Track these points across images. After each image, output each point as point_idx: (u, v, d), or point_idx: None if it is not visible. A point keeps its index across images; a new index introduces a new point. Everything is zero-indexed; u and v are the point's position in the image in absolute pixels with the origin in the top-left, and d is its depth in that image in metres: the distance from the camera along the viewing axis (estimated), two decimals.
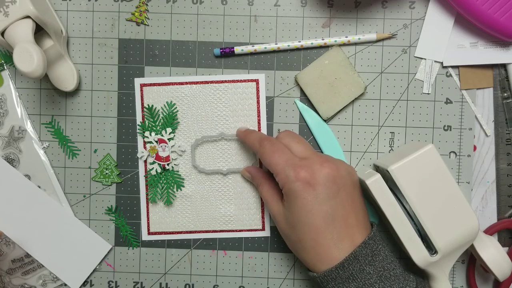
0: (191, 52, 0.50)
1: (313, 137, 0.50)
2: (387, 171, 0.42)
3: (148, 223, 0.51)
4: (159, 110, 0.50)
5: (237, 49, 0.49)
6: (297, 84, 0.49)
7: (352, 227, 0.41)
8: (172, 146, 0.50)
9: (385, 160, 0.46)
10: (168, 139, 0.50)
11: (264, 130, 0.50)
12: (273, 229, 0.50)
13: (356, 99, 0.49)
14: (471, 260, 0.49)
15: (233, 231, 0.51)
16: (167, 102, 0.50)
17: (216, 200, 0.50)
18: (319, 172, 0.40)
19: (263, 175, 0.47)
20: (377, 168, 0.47)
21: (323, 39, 0.49)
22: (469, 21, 0.47)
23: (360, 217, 0.42)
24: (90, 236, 0.51)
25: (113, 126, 0.51)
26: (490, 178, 0.50)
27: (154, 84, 0.50)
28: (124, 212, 0.51)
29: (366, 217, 0.43)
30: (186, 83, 0.50)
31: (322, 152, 0.49)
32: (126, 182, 0.51)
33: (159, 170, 0.50)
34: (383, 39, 0.49)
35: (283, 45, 0.49)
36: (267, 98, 0.50)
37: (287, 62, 0.50)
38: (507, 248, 0.49)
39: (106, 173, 0.51)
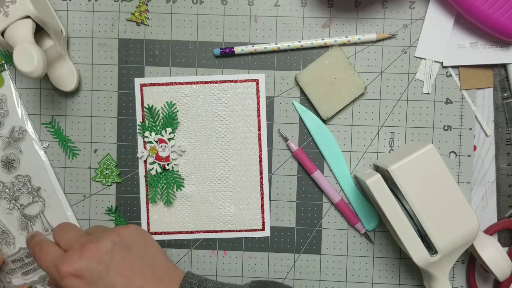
0: (191, 52, 0.50)
1: (312, 138, 0.50)
2: (387, 171, 0.42)
3: (148, 223, 0.51)
4: (159, 110, 0.50)
5: (237, 49, 0.49)
6: (297, 84, 0.49)
7: (148, 285, 0.41)
8: (172, 146, 0.50)
9: (385, 160, 0.46)
10: (168, 139, 0.50)
11: (264, 130, 0.50)
12: (273, 229, 0.51)
13: (356, 99, 0.49)
14: (471, 260, 0.49)
15: (233, 231, 0.51)
16: (167, 102, 0.50)
17: (216, 200, 0.50)
18: (80, 260, 0.40)
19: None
20: (377, 168, 0.47)
21: (323, 39, 0.49)
22: (469, 21, 0.47)
23: (158, 272, 0.42)
24: None
25: (113, 126, 0.51)
26: (490, 178, 0.50)
27: (154, 84, 0.50)
28: (124, 212, 0.51)
29: (170, 268, 0.44)
30: (186, 83, 0.50)
31: (321, 152, 0.49)
32: (126, 182, 0.51)
33: (159, 170, 0.50)
34: (383, 39, 0.49)
35: (283, 45, 0.49)
36: (267, 98, 0.50)
37: (287, 62, 0.50)
38: (507, 248, 0.49)
39: (106, 173, 0.51)
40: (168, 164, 0.50)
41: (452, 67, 0.49)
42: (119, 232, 0.43)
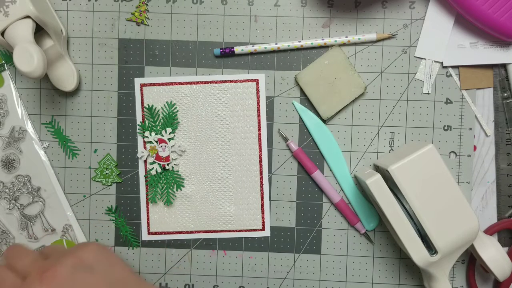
0: (191, 52, 0.50)
1: (312, 138, 0.50)
2: (387, 171, 0.42)
3: (148, 223, 0.51)
4: (159, 110, 0.50)
5: (237, 49, 0.49)
6: (297, 84, 0.49)
7: None
8: (172, 146, 0.50)
9: (385, 160, 0.46)
10: (168, 139, 0.50)
11: (264, 130, 0.50)
12: (273, 229, 0.51)
13: (356, 99, 0.49)
14: (471, 260, 0.49)
15: (233, 231, 0.51)
16: (167, 102, 0.50)
17: (216, 200, 0.50)
18: None
19: None
20: (377, 168, 0.47)
21: (323, 39, 0.49)
22: (469, 21, 0.47)
23: None
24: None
25: (113, 126, 0.51)
26: (490, 178, 0.50)
27: (154, 84, 0.50)
28: (124, 212, 0.51)
29: (140, 285, 0.41)
30: (186, 83, 0.50)
31: (321, 152, 0.49)
32: (126, 182, 0.51)
33: (159, 170, 0.50)
34: (383, 39, 0.49)
35: (283, 45, 0.49)
36: (267, 98, 0.50)
37: (287, 62, 0.50)
38: (507, 248, 0.49)
39: (106, 173, 0.51)
40: (168, 164, 0.50)
41: (452, 67, 0.49)
42: (77, 254, 0.40)
